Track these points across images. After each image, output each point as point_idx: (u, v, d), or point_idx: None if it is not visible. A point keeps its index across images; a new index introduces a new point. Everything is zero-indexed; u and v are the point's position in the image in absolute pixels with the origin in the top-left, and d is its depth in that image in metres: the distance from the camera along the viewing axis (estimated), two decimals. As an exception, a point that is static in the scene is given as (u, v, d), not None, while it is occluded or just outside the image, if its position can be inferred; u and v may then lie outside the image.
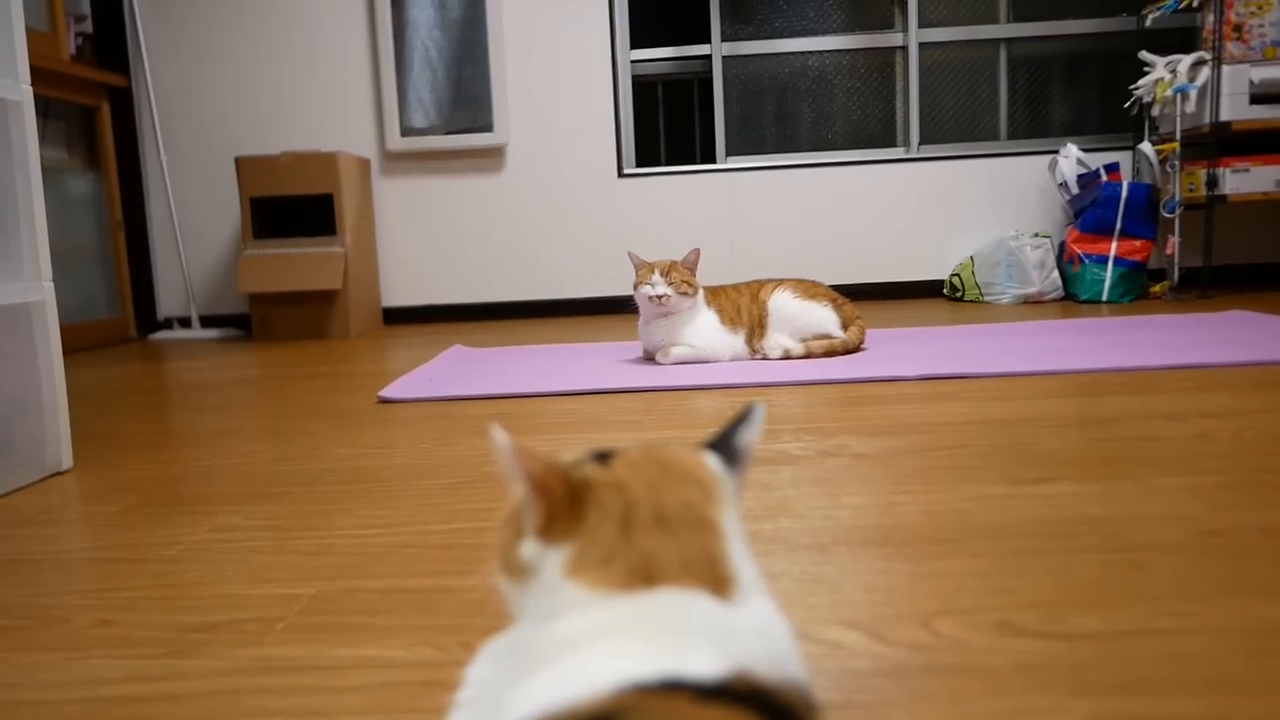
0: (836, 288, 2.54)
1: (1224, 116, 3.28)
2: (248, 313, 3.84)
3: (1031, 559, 0.96)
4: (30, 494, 1.42)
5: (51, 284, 1.55)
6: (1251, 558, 0.95)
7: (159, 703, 0.74)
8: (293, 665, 0.80)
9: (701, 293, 2.40)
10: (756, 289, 2.43)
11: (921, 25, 3.98)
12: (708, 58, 4.07)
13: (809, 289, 2.41)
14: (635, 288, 2.37)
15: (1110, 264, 3.41)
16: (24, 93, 1.48)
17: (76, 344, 3.53)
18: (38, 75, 3.35)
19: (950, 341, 2.54)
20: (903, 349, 2.43)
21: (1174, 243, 3.40)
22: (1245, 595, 0.85)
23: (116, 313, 3.94)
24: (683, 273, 2.34)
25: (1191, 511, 1.09)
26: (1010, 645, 0.77)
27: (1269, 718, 0.65)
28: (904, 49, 4.02)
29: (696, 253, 2.36)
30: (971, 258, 3.75)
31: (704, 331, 2.37)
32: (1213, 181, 3.33)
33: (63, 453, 1.55)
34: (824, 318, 2.37)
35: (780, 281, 2.43)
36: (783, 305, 2.37)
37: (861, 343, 2.42)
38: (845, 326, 2.40)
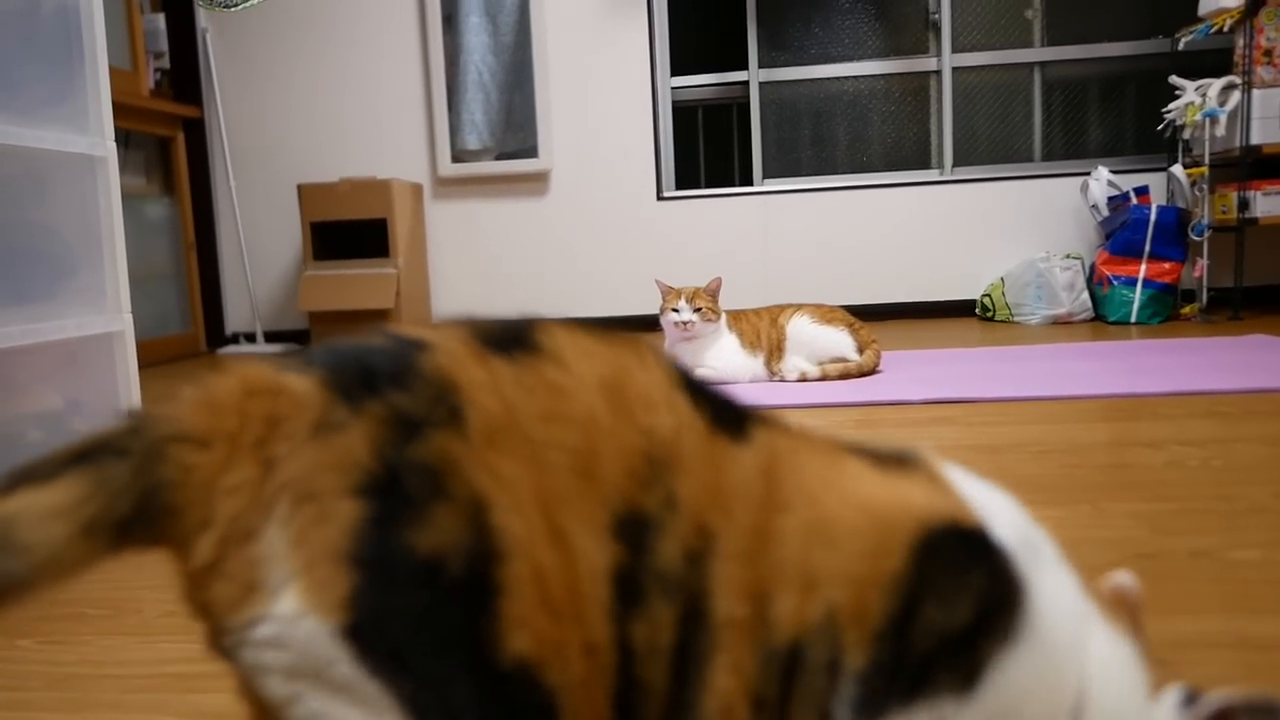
0: (870, 307, 2.66)
1: (1254, 140, 3.31)
2: (308, 329, 4.08)
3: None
4: (110, 501, 1.62)
5: (130, 315, 1.76)
6: (1174, 580, 1.05)
7: (209, 679, 0.91)
8: (321, 652, 0.96)
9: (724, 317, 2.54)
10: (776, 313, 2.56)
11: (955, 50, 4.07)
12: (746, 84, 4.21)
13: (826, 314, 2.53)
14: (661, 313, 2.52)
15: (1139, 286, 3.46)
16: (109, 149, 1.69)
17: (152, 358, 3.80)
18: (121, 110, 3.63)
19: (965, 364, 2.64)
20: (917, 371, 2.53)
21: (1202, 265, 3.43)
22: (1159, 613, 0.96)
23: (188, 328, 4.22)
24: (706, 299, 2.48)
25: (1134, 535, 1.20)
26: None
27: None
28: (938, 73, 4.10)
29: (718, 281, 2.50)
30: (1002, 278, 3.82)
31: (724, 354, 2.51)
32: (1244, 204, 3.36)
33: (138, 465, 1.75)
34: (840, 341, 2.49)
35: (799, 307, 2.56)
36: (800, 330, 2.50)
37: (877, 365, 2.53)
38: (861, 350, 2.51)
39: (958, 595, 0.42)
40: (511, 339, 0.47)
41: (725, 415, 0.47)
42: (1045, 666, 0.43)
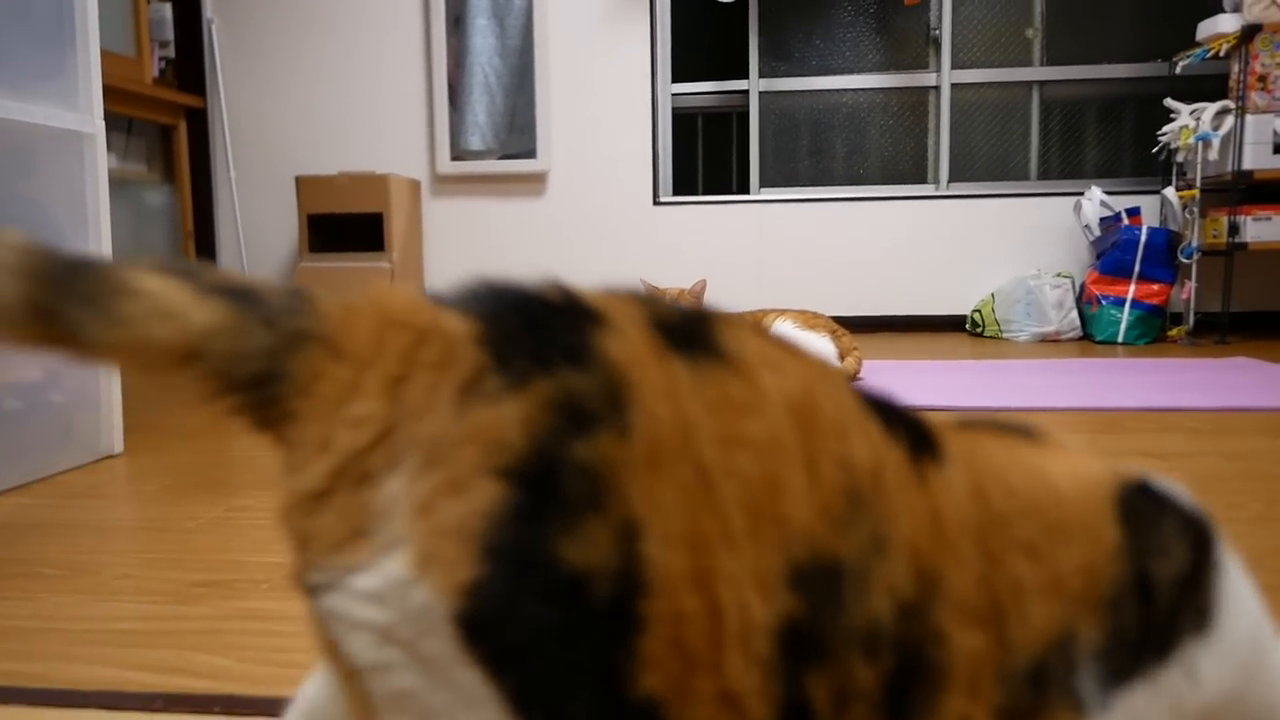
0: (861, 319, 2.67)
1: (1246, 165, 3.33)
2: (302, 320, 4.10)
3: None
4: (84, 473, 1.64)
5: (113, 291, 1.78)
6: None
7: (158, 636, 0.93)
8: (267, 615, 0.98)
9: (708, 319, 2.55)
10: (759, 318, 2.58)
11: (955, 66, 4.09)
12: (746, 93, 4.24)
13: (809, 319, 2.55)
14: (646, 312, 2.53)
15: (1127, 306, 3.47)
16: (98, 127, 1.72)
17: (145, 343, 3.82)
18: (124, 97, 3.67)
19: (945, 375, 2.65)
20: (897, 380, 2.55)
21: (1190, 288, 3.44)
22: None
23: (183, 315, 4.24)
24: (691, 301, 2.50)
25: (1083, 537, 1.21)
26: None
27: None
28: (937, 89, 4.13)
29: (703, 283, 2.52)
30: (993, 294, 3.84)
31: (707, 356, 2.52)
32: (1234, 228, 3.38)
33: (115, 439, 1.78)
34: (820, 347, 2.50)
35: (782, 311, 2.57)
36: (782, 335, 2.51)
37: (858, 373, 2.55)
38: (843, 357, 2.53)
39: (1170, 543, 0.44)
40: (693, 336, 0.40)
41: (918, 436, 0.42)
42: (1241, 581, 0.45)
